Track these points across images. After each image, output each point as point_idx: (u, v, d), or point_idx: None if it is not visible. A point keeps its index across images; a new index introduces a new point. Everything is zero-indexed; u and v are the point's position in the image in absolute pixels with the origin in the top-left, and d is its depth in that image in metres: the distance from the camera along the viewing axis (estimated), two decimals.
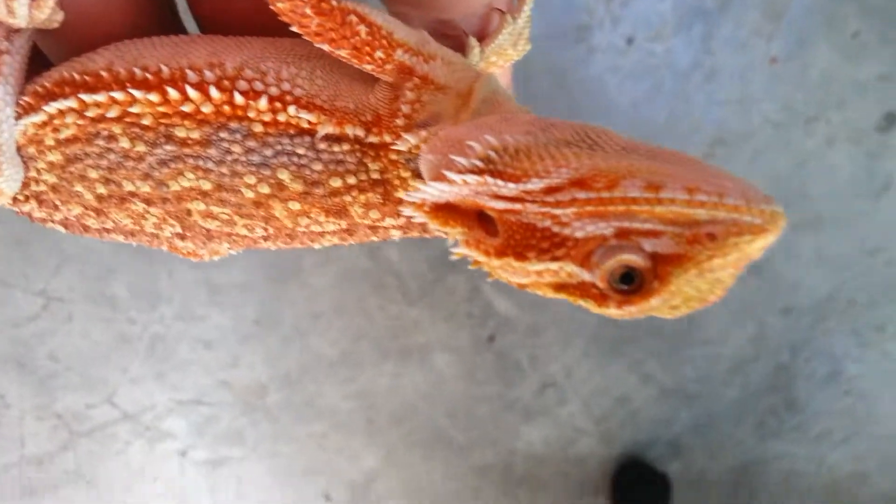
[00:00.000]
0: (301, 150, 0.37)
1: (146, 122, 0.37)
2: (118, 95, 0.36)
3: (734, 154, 1.26)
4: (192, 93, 0.36)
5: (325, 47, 0.35)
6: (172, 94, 0.36)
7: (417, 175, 0.36)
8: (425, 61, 0.36)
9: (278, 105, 0.36)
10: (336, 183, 0.37)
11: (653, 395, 1.53)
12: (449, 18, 0.41)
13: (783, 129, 1.25)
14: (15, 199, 0.41)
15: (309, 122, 0.36)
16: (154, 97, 0.36)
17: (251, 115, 0.36)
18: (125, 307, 1.15)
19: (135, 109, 0.37)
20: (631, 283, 0.31)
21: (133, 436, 1.24)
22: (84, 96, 0.37)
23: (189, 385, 1.23)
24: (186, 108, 0.36)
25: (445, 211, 0.34)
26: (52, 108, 0.37)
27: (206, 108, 0.36)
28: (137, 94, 0.36)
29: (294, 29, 0.35)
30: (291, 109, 0.36)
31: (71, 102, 0.37)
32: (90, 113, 0.37)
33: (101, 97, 0.37)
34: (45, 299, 1.13)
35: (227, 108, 0.36)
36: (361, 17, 0.35)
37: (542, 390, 1.45)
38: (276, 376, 1.27)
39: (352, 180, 0.37)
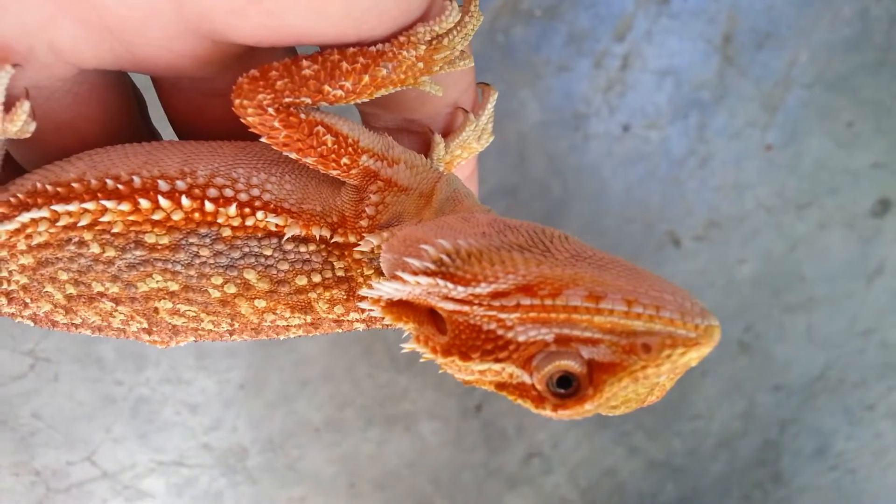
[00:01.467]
0: (268, 252, 0.38)
1: (117, 229, 0.38)
2: (90, 206, 0.37)
3: (728, 236, 1.27)
4: (163, 202, 0.37)
5: (293, 155, 0.36)
6: (143, 203, 0.37)
7: (380, 273, 0.38)
8: (389, 165, 0.38)
9: (247, 210, 0.37)
10: (302, 281, 0.38)
11: (640, 468, 1.52)
12: (416, 118, 0.42)
13: (776, 213, 1.25)
14: None
15: (276, 225, 0.37)
16: (125, 207, 0.37)
17: (220, 220, 0.37)
18: (112, 369, 1.15)
19: (106, 218, 0.38)
20: (568, 388, 0.32)
21: (111, 494, 1.23)
22: (56, 207, 0.38)
23: (171, 447, 1.22)
24: (157, 217, 0.37)
25: (399, 307, 0.35)
26: (26, 217, 0.38)
27: (177, 216, 0.37)
28: (109, 204, 0.37)
29: (263, 140, 0.36)
30: (260, 214, 0.37)
31: (44, 212, 0.38)
32: (62, 222, 0.38)
33: (72, 207, 0.38)
34: (32, 359, 1.13)
35: (197, 215, 0.37)
36: (328, 127, 0.36)
37: (528, 459, 1.44)
38: (258, 439, 1.26)
39: (317, 278, 0.39)
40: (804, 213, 1.27)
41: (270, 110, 0.35)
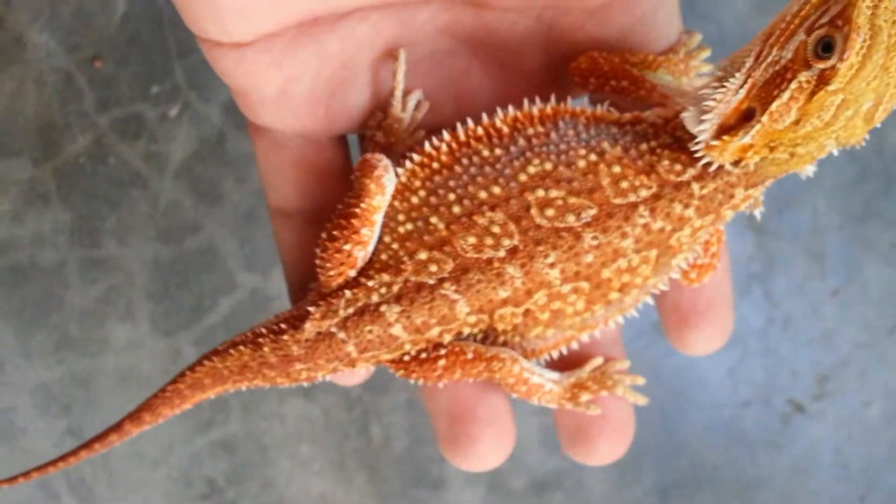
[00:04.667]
0: (614, 129, 0.50)
1: (504, 129, 0.50)
2: (480, 130, 0.52)
3: (842, 385, 1.26)
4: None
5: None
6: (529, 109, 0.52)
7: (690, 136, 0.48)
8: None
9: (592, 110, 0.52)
10: (643, 146, 0.49)
11: None
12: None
13: (872, 346, 1.26)
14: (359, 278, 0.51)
15: (618, 118, 0.51)
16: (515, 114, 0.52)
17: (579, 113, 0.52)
18: None
19: (496, 122, 0.51)
20: (831, 50, 0.41)
21: None
22: (459, 131, 0.52)
23: None
24: (535, 111, 0.51)
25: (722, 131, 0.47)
26: (431, 147, 0.52)
27: (548, 110, 0.51)
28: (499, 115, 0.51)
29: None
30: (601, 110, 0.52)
31: (446, 137, 0.52)
32: (462, 137, 0.51)
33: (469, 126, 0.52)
34: None
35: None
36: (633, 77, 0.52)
37: None
38: None
39: (654, 143, 0.49)
40: None
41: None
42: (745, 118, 0.46)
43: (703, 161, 0.47)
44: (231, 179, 1.33)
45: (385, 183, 0.49)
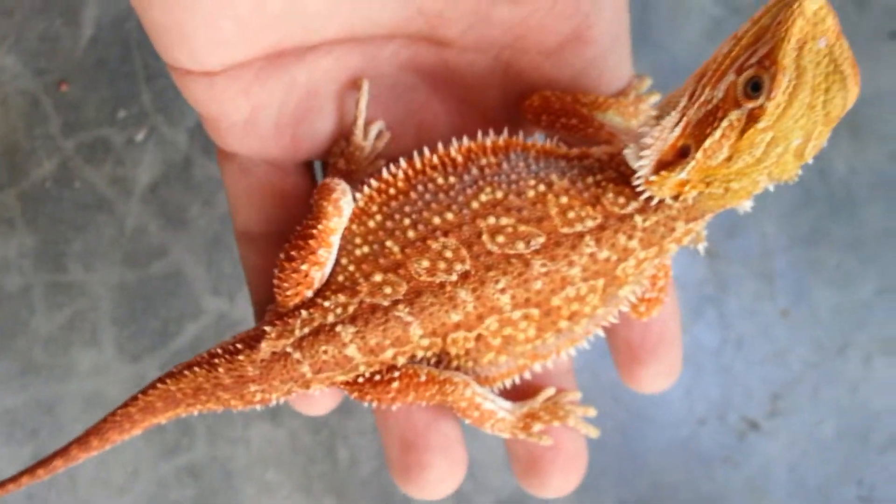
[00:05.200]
0: (563, 164, 0.52)
1: (459, 158, 0.53)
2: (435, 158, 0.54)
3: (795, 402, 1.30)
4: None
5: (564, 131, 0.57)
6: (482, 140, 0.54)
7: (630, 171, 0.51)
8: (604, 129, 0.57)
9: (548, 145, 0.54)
10: (588, 179, 0.51)
11: None
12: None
13: (823, 365, 1.31)
14: (315, 299, 0.52)
15: (566, 153, 0.54)
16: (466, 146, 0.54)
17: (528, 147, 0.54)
18: None
19: (451, 152, 0.53)
20: (760, 89, 0.42)
21: None
22: (416, 159, 0.53)
23: None
24: (488, 142, 0.53)
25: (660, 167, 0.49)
26: (388, 173, 0.53)
27: (501, 142, 0.53)
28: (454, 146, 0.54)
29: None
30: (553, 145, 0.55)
31: (403, 165, 0.53)
32: (418, 165, 0.53)
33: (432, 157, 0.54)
34: None
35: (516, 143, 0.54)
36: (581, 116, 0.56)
37: None
38: None
39: (598, 176, 0.51)
40: (846, 354, 1.32)
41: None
42: (681, 155, 0.48)
43: (645, 195, 0.50)
44: (198, 204, 1.34)
45: (342, 206, 0.51)
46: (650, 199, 0.50)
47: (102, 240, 1.34)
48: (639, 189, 0.50)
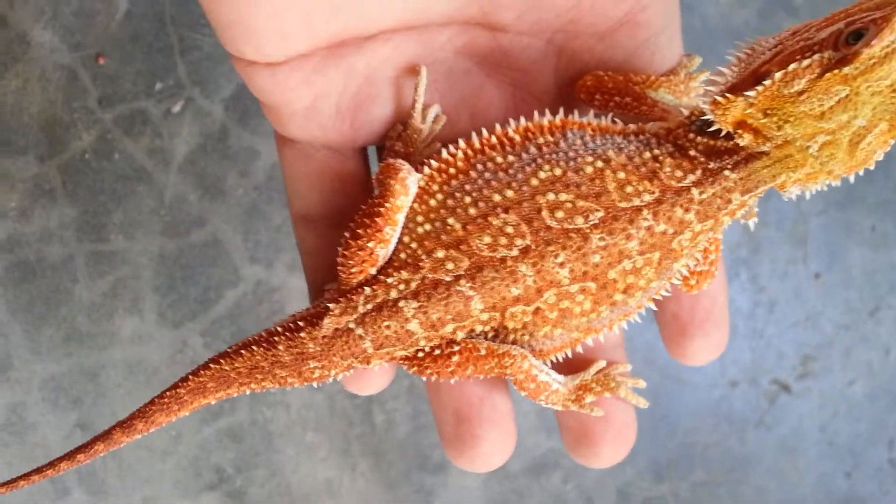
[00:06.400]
0: (619, 140, 0.53)
1: (517, 137, 0.54)
2: (494, 138, 0.55)
3: (827, 364, 1.31)
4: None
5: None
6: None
7: (697, 133, 0.52)
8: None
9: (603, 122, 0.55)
10: (646, 154, 0.52)
11: None
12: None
13: (856, 327, 1.31)
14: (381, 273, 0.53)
15: (623, 129, 0.54)
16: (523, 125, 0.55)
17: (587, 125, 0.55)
18: None
19: (509, 132, 0.54)
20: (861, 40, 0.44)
21: None
22: (474, 139, 0.54)
23: None
24: (545, 122, 0.54)
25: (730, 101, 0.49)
26: (448, 154, 0.54)
27: (557, 121, 0.54)
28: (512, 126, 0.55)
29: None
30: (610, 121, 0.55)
31: (462, 145, 0.54)
32: (477, 145, 0.54)
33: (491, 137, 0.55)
34: None
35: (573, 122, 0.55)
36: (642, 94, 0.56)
37: None
38: None
39: (656, 151, 0.52)
40: (878, 316, 1.33)
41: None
42: (757, 82, 0.48)
43: (705, 117, 0.50)
44: (234, 174, 1.36)
45: (409, 184, 0.52)
46: (708, 172, 0.51)
47: (142, 210, 1.37)
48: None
